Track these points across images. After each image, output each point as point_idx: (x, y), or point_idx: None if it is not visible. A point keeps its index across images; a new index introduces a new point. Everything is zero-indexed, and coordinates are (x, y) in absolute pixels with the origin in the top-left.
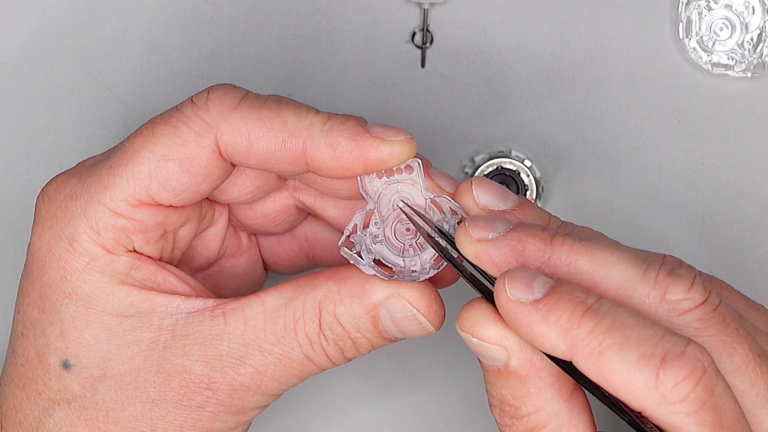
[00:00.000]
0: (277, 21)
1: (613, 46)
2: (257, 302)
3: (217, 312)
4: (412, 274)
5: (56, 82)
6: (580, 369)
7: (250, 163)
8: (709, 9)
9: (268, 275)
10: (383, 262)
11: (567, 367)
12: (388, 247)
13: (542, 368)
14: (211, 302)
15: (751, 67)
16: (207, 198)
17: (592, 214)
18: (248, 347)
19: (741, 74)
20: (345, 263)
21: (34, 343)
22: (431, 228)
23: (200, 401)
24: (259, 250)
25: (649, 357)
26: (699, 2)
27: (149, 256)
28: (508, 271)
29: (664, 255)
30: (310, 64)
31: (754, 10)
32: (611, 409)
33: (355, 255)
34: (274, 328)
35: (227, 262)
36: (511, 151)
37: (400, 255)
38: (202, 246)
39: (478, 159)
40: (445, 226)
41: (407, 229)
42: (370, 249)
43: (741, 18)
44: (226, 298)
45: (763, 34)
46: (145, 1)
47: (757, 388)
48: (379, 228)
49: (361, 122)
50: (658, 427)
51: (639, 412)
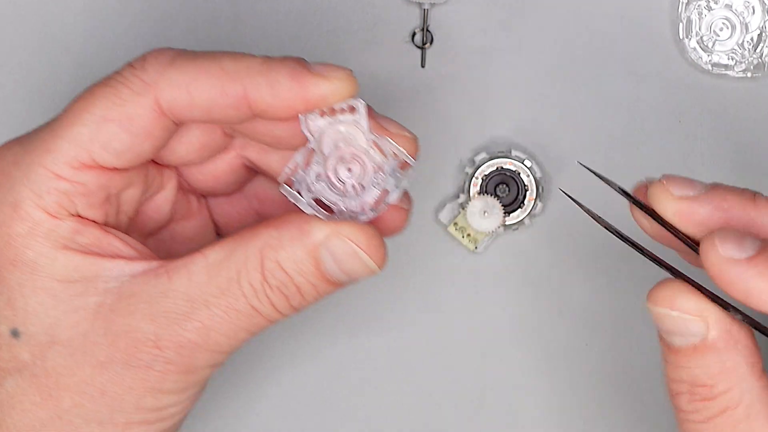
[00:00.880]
0: (277, 21)
1: (613, 46)
2: (200, 258)
3: (161, 271)
4: (352, 215)
5: (56, 82)
6: None
7: (194, 116)
8: (709, 9)
9: None
10: (324, 201)
11: None
12: (329, 187)
13: (739, 340)
14: (155, 263)
15: (751, 67)
16: (155, 162)
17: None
18: (193, 302)
19: (741, 74)
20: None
21: None
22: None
23: (148, 360)
24: (210, 213)
25: None
26: (699, 2)
27: (93, 221)
28: (717, 230)
29: None
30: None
31: (754, 10)
32: None
33: (295, 193)
34: (218, 281)
35: (178, 226)
36: (511, 151)
37: (341, 195)
38: (152, 210)
39: (478, 159)
40: (387, 168)
41: (348, 169)
42: (310, 188)
43: (741, 18)
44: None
45: (763, 34)
46: (145, 1)
47: None
48: (320, 168)
49: (300, 61)
50: None
51: None
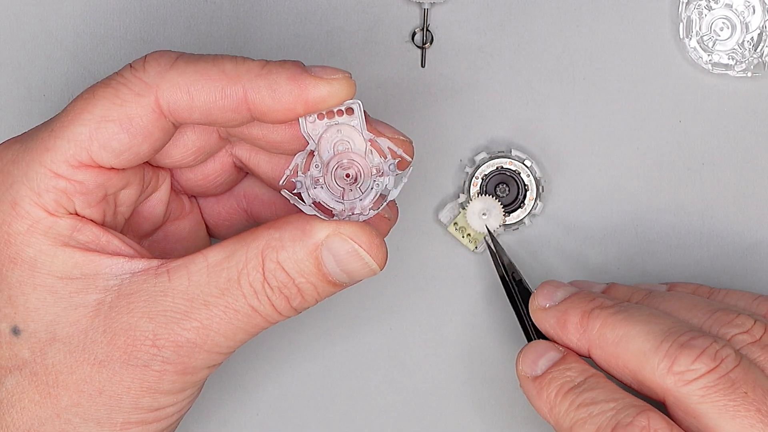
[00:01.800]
0: (277, 21)
1: (613, 46)
2: (200, 258)
3: (162, 270)
4: (352, 217)
5: (56, 82)
6: None
7: (194, 118)
8: (710, 9)
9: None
10: (323, 205)
11: None
12: (328, 190)
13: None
14: (155, 262)
15: (751, 67)
16: (149, 164)
17: (592, 214)
18: (193, 302)
19: (741, 74)
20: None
21: None
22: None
23: (146, 359)
24: (201, 212)
25: (605, 428)
26: (699, 2)
27: (91, 219)
28: (527, 344)
29: (736, 314)
30: (311, 63)
31: (754, 10)
32: None
33: (296, 195)
34: (217, 281)
35: (171, 226)
36: (511, 151)
37: (340, 199)
38: (147, 212)
39: (478, 159)
40: (385, 168)
41: (347, 175)
42: (310, 190)
43: (741, 18)
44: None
45: (764, 34)
46: (145, 1)
47: None
48: (320, 171)
49: (298, 64)
50: None
51: None
